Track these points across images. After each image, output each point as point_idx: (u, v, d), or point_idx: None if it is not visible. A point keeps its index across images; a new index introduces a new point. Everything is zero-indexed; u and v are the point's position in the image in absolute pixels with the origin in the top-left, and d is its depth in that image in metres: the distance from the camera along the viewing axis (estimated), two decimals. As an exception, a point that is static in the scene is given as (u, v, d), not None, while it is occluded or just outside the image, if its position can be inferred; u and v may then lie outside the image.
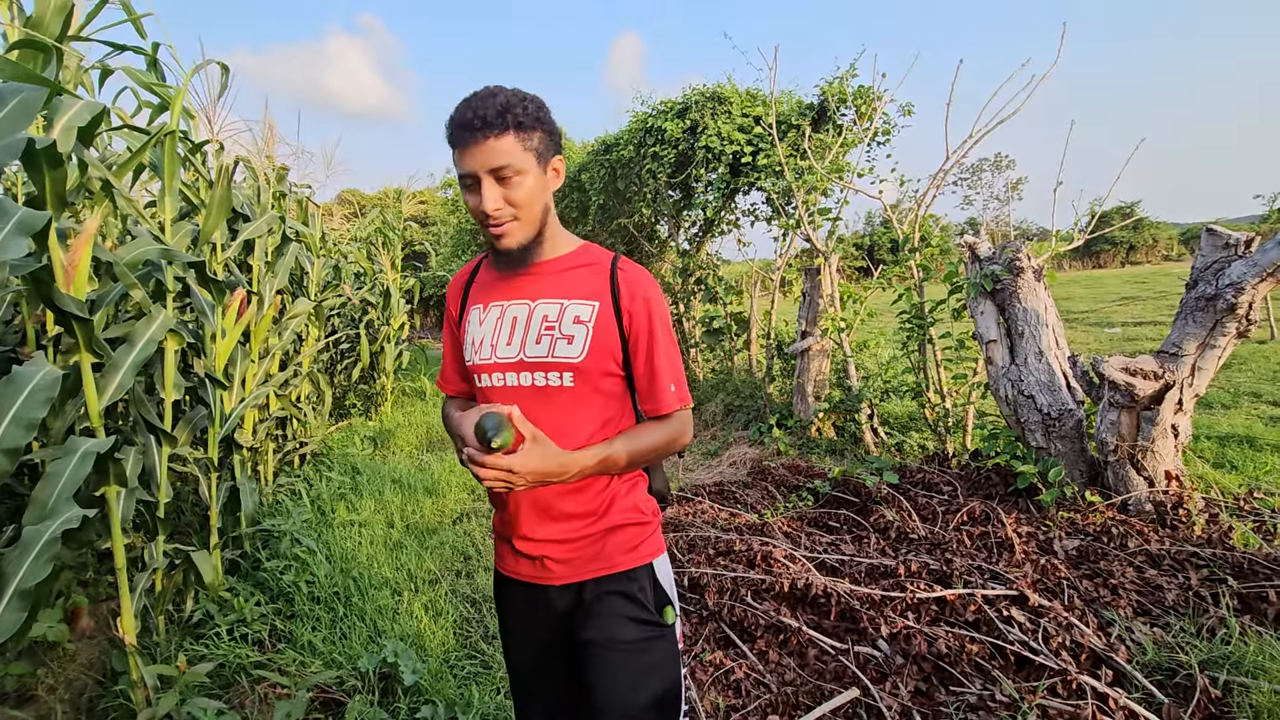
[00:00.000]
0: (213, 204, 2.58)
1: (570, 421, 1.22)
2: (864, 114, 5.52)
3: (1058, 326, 3.60)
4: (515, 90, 1.16)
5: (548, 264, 1.26)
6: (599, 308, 1.21)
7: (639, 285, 1.24)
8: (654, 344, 1.24)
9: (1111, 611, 2.45)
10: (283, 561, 3.05)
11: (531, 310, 1.23)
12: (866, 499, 3.92)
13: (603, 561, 1.26)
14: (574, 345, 1.20)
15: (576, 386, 1.21)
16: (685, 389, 1.30)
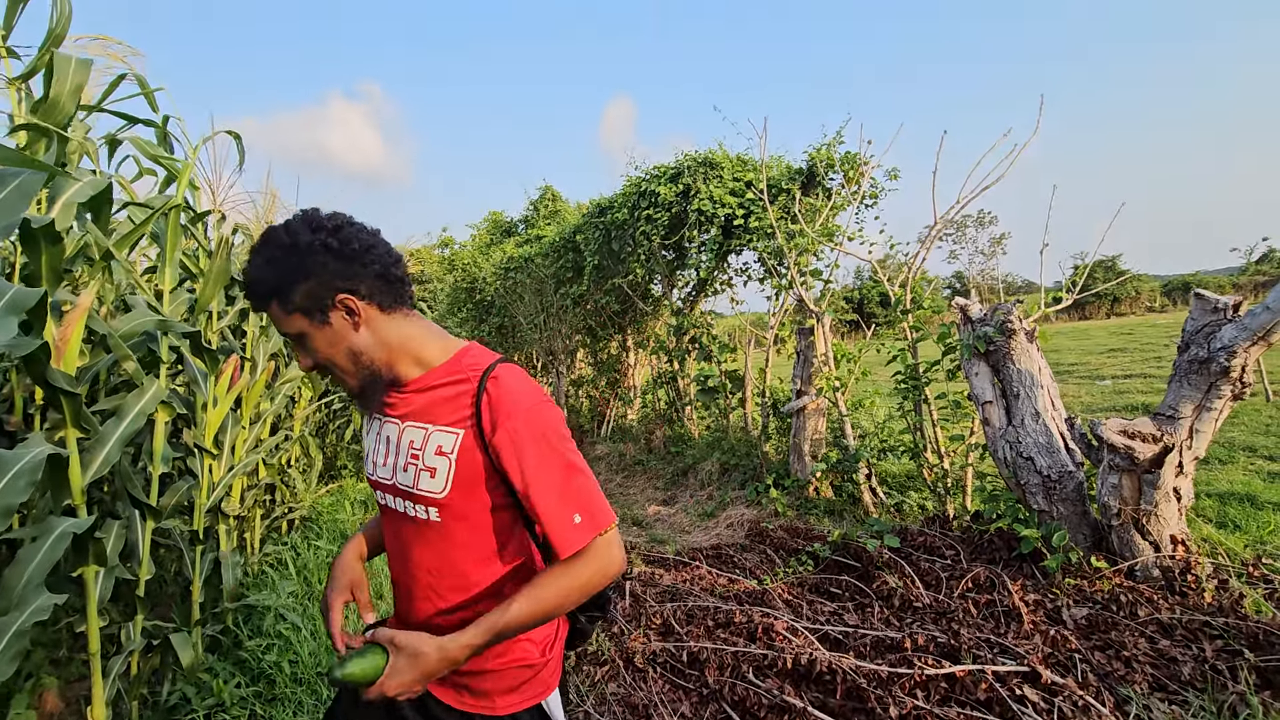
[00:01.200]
0: (211, 274, 2.59)
1: (443, 560, 1.13)
2: (851, 178, 5.68)
3: (1052, 387, 3.61)
4: (265, 252, 1.07)
5: (413, 383, 1.16)
6: (461, 439, 1.09)
7: (502, 412, 1.07)
8: (533, 480, 1.06)
9: (1127, 688, 2.37)
10: (265, 639, 2.93)
11: (401, 432, 1.15)
12: (868, 563, 3.83)
13: (482, 702, 1.16)
14: (436, 480, 1.10)
15: (445, 523, 1.12)
16: (597, 511, 1.10)
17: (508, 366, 1.14)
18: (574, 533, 1.07)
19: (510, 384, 1.10)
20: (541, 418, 1.10)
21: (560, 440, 1.12)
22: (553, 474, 1.08)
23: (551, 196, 12.38)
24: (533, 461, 1.07)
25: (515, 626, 1.05)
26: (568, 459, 1.11)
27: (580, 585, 1.08)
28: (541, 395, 1.15)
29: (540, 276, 9.35)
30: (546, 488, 1.07)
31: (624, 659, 3.08)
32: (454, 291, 13.42)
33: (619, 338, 9.41)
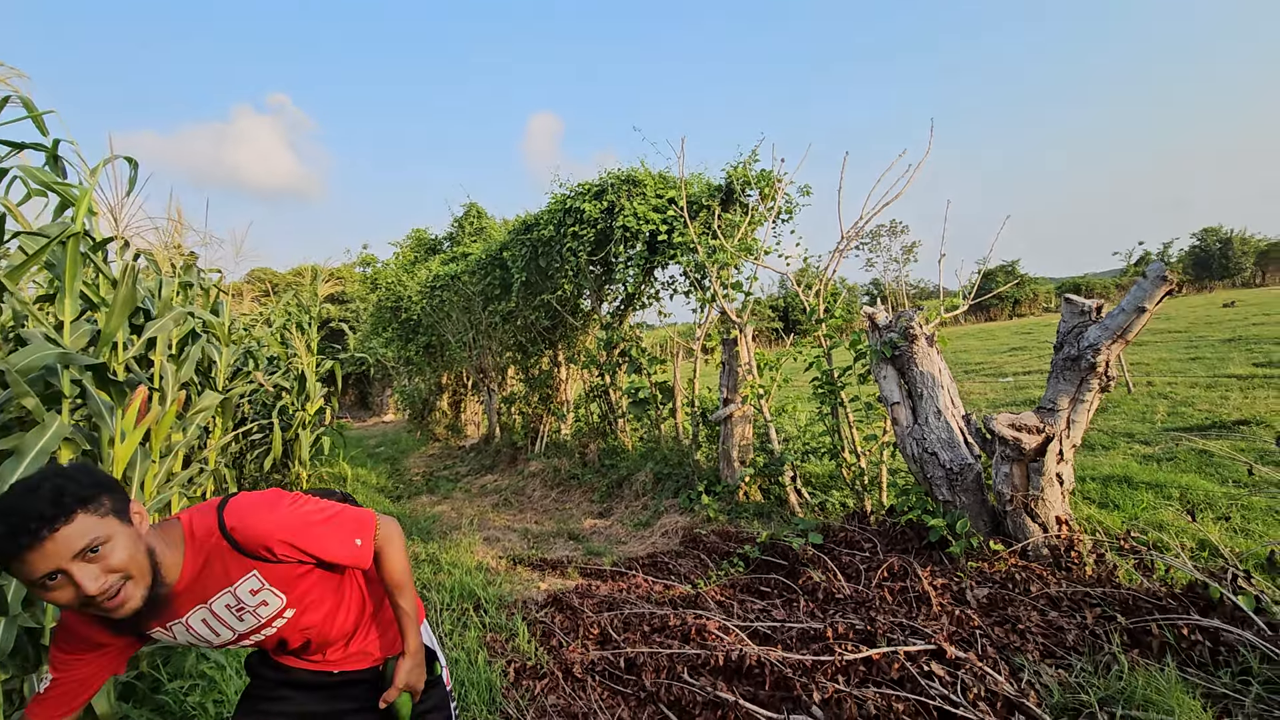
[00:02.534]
0: (115, 304, 2.50)
1: (321, 624, 1.50)
2: (767, 195, 5.97)
3: (952, 387, 3.92)
4: None
5: (185, 573, 1.31)
6: (257, 574, 1.36)
7: (249, 541, 1.32)
8: (313, 549, 1.38)
9: (1020, 657, 2.61)
10: (187, 680, 2.81)
11: (211, 608, 1.35)
12: (794, 561, 4.03)
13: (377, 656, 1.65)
14: (270, 606, 1.40)
15: (301, 609, 1.44)
16: (360, 526, 1.46)
17: (228, 505, 1.36)
18: (365, 551, 1.45)
19: (240, 520, 1.33)
20: (278, 508, 1.38)
21: (298, 506, 1.41)
22: (315, 531, 1.38)
23: (477, 213, 12.28)
24: (304, 538, 1.37)
25: (412, 612, 1.56)
26: (313, 518, 1.41)
27: (402, 567, 1.54)
28: (265, 496, 1.41)
29: (468, 294, 9.26)
30: (326, 545, 1.40)
31: (563, 670, 3.12)
32: (378, 311, 13.08)
33: (550, 353, 9.43)
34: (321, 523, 1.40)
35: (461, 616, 3.98)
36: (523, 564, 5.16)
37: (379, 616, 1.63)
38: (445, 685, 1.68)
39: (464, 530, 6.32)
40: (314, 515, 1.40)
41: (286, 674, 1.59)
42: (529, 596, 4.31)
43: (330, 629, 1.52)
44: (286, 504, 1.39)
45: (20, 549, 1.04)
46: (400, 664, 1.52)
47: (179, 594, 1.31)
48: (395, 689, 1.49)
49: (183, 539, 1.31)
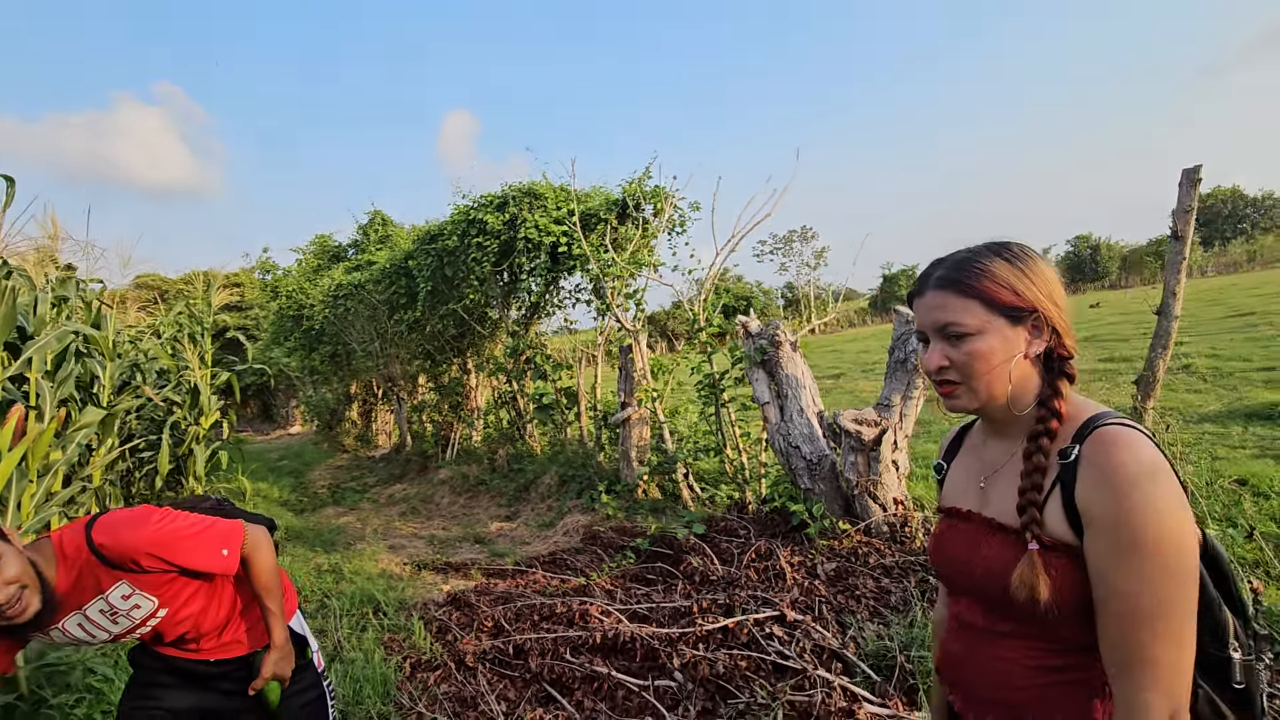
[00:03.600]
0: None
1: (192, 621, 1.68)
2: (660, 210, 6.37)
3: (813, 387, 4.41)
4: None
5: (59, 586, 1.49)
6: (126, 583, 1.54)
7: (117, 556, 1.49)
8: (183, 560, 1.55)
9: (851, 617, 3.07)
10: (74, 694, 2.85)
11: (85, 613, 1.54)
12: (679, 550, 4.40)
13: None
14: (143, 608, 1.58)
15: (174, 609, 1.63)
16: (226, 537, 1.64)
17: (96, 523, 1.53)
18: (232, 560, 1.64)
19: (108, 536, 1.50)
20: (146, 525, 1.54)
21: (166, 523, 1.57)
22: (183, 545, 1.56)
23: (382, 221, 12.13)
24: (170, 552, 1.53)
25: (279, 611, 1.76)
26: (182, 532, 1.58)
27: (270, 570, 1.74)
28: (133, 514, 1.57)
29: (373, 303, 9.21)
30: (193, 558, 1.57)
31: (456, 661, 3.35)
32: (279, 320, 12.66)
33: (459, 361, 9.51)
34: (188, 537, 1.58)
35: (361, 620, 4.11)
36: (427, 568, 5.30)
37: (249, 611, 1.81)
38: (317, 668, 1.91)
39: (368, 540, 6.36)
40: (182, 530, 1.58)
41: (166, 663, 1.76)
42: (430, 598, 4.48)
43: (203, 624, 1.71)
44: (154, 520, 1.56)
45: None
46: (266, 656, 1.73)
47: (56, 603, 1.48)
48: (262, 679, 1.71)
49: (55, 556, 1.49)
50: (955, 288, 0.96)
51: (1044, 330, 0.96)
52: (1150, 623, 0.82)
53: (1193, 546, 0.84)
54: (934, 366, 0.99)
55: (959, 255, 1.01)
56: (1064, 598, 0.89)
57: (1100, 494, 0.86)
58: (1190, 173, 2.67)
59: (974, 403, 0.98)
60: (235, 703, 1.80)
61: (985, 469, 1.06)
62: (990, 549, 0.98)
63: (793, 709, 2.43)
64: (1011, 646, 0.97)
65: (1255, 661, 0.98)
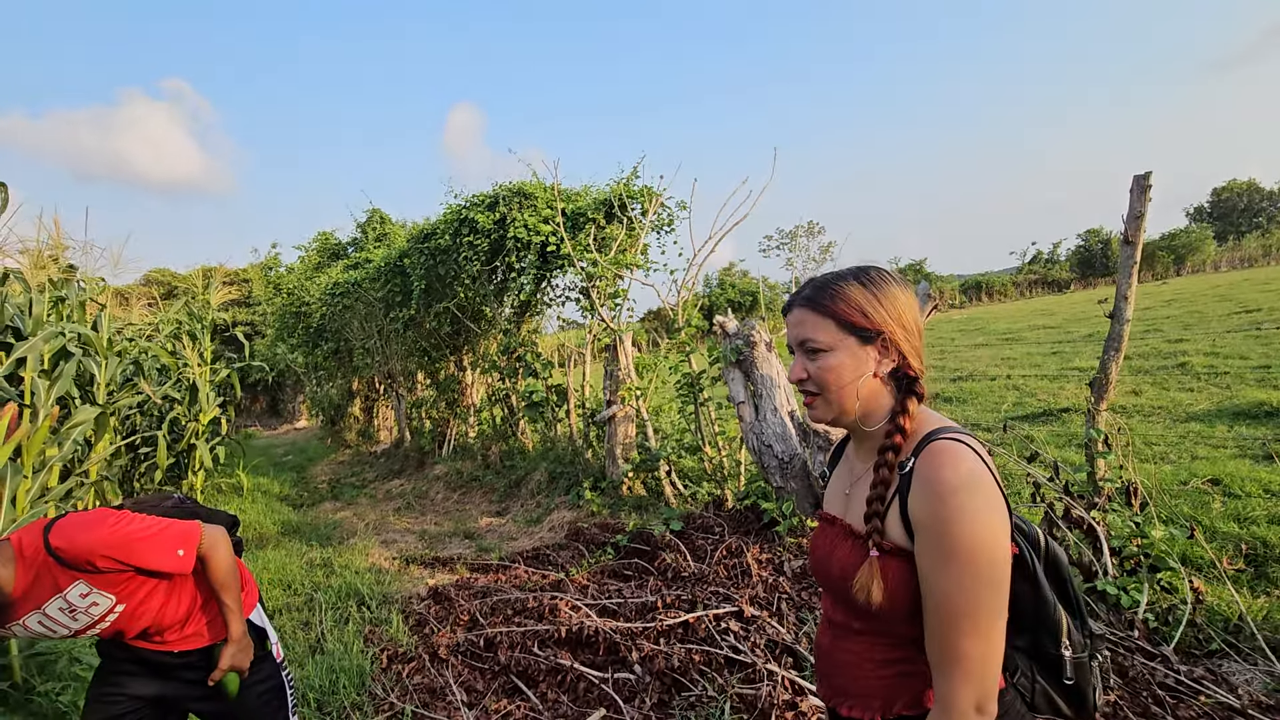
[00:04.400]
0: (-23, 331, 2.66)
1: (153, 617, 1.77)
2: (647, 209, 6.43)
3: (788, 388, 4.48)
4: None
5: (15, 594, 1.58)
6: (84, 582, 1.62)
7: (73, 558, 1.57)
8: (139, 560, 1.64)
9: (809, 614, 3.14)
10: (59, 682, 2.98)
11: (45, 611, 1.62)
12: (656, 546, 4.49)
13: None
14: (101, 605, 1.67)
15: (132, 605, 1.72)
16: (183, 538, 1.72)
17: (54, 526, 1.61)
18: (188, 560, 1.73)
19: (65, 539, 1.58)
20: (101, 528, 1.62)
21: (122, 526, 1.65)
22: (138, 546, 1.64)
23: (380, 219, 12.26)
24: (125, 554, 1.62)
25: (236, 608, 1.85)
26: (138, 534, 1.65)
27: (227, 568, 1.82)
28: (88, 517, 1.65)
29: (369, 300, 9.34)
30: (148, 559, 1.65)
31: (430, 653, 3.46)
32: (282, 316, 12.83)
33: (454, 358, 9.63)
34: (144, 539, 1.65)
35: (344, 614, 4.23)
36: (415, 563, 5.42)
37: (209, 606, 1.90)
38: (276, 659, 2.01)
39: (361, 535, 6.49)
40: (136, 532, 1.65)
41: (132, 653, 1.87)
42: (415, 592, 4.59)
43: (164, 618, 1.80)
44: (110, 523, 1.64)
45: None
46: (224, 649, 1.83)
47: (15, 601, 1.58)
48: (220, 670, 1.82)
49: (14, 556, 1.58)
50: (813, 306, 1.06)
51: (891, 351, 1.04)
52: (961, 621, 0.90)
53: (1004, 553, 0.92)
54: (795, 378, 1.08)
55: (824, 277, 1.10)
56: (898, 599, 0.97)
57: (925, 503, 0.94)
58: (1141, 179, 2.71)
59: (829, 414, 1.07)
60: (197, 691, 1.90)
61: (851, 478, 1.14)
62: (843, 552, 1.06)
63: (741, 701, 2.51)
64: (860, 641, 1.05)
65: (1088, 659, 1.06)
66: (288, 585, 4.94)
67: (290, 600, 4.63)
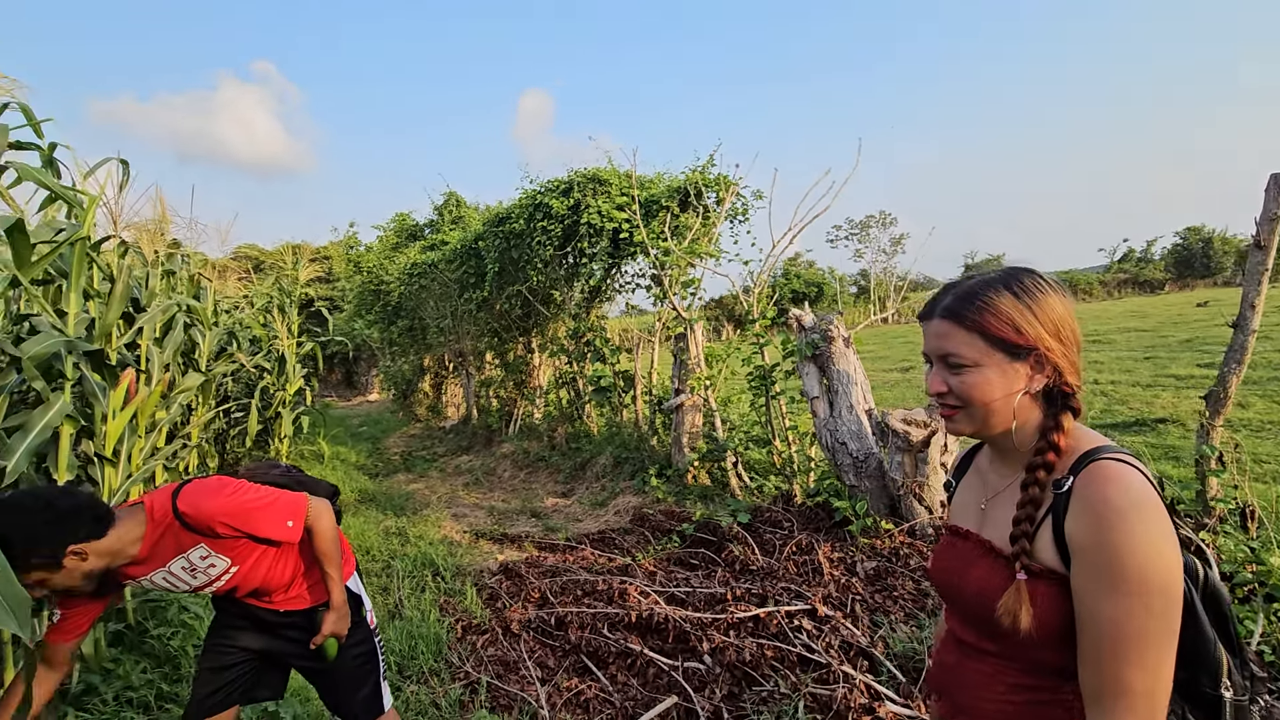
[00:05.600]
0: (114, 298, 2.88)
1: (261, 582, 1.91)
2: (722, 198, 6.36)
3: (865, 384, 4.37)
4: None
5: (142, 553, 1.72)
6: (204, 545, 1.77)
7: (197, 523, 1.72)
8: (251, 528, 1.76)
9: (884, 617, 3.08)
10: (170, 628, 3.23)
11: (169, 569, 1.78)
12: (723, 537, 4.48)
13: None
14: (218, 567, 1.81)
15: (245, 568, 1.86)
16: (292, 509, 1.83)
17: (181, 491, 1.74)
18: (296, 530, 1.84)
19: (190, 505, 1.71)
20: (221, 496, 1.75)
21: (240, 494, 1.77)
22: (253, 515, 1.77)
23: (456, 202, 12.59)
24: (242, 521, 1.75)
25: (339, 576, 1.96)
26: (253, 504, 1.77)
27: (330, 539, 1.92)
28: (210, 485, 1.78)
29: (445, 281, 9.61)
30: (261, 527, 1.78)
31: (502, 627, 3.57)
32: (361, 293, 13.38)
33: (523, 340, 9.82)
34: (258, 509, 1.78)
35: (420, 583, 4.42)
36: (485, 538, 5.59)
37: (311, 571, 2.03)
38: (370, 625, 2.12)
39: (434, 507, 6.74)
40: (252, 502, 1.77)
41: (243, 609, 2.01)
42: (485, 566, 4.75)
43: (271, 581, 1.93)
44: (228, 492, 1.77)
45: None
46: (326, 615, 1.94)
47: (143, 559, 1.72)
48: (322, 634, 1.92)
49: (145, 519, 1.72)
50: (958, 319, 0.98)
51: (1045, 367, 0.97)
52: (1128, 652, 0.85)
53: (1176, 581, 0.86)
54: (934, 391, 1.03)
55: (968, 284, 1.02)
56: (1046, 625, 0.92)
57: (1089, 526, 0.88)
58: (1278, 178, 2.49)
59: (971, 427, 1.02)
60: (299, 649, 2.03)
61: (987, 491, 1.09)
62: (981, 570, 1.01)
63: (814, 701, 2.49)
64: (991, 663, 1.01)
65: (1249, 703, 0.99)
66: (366, 551, 5.19)
67: (369, 566, 4.87)
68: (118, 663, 3.05)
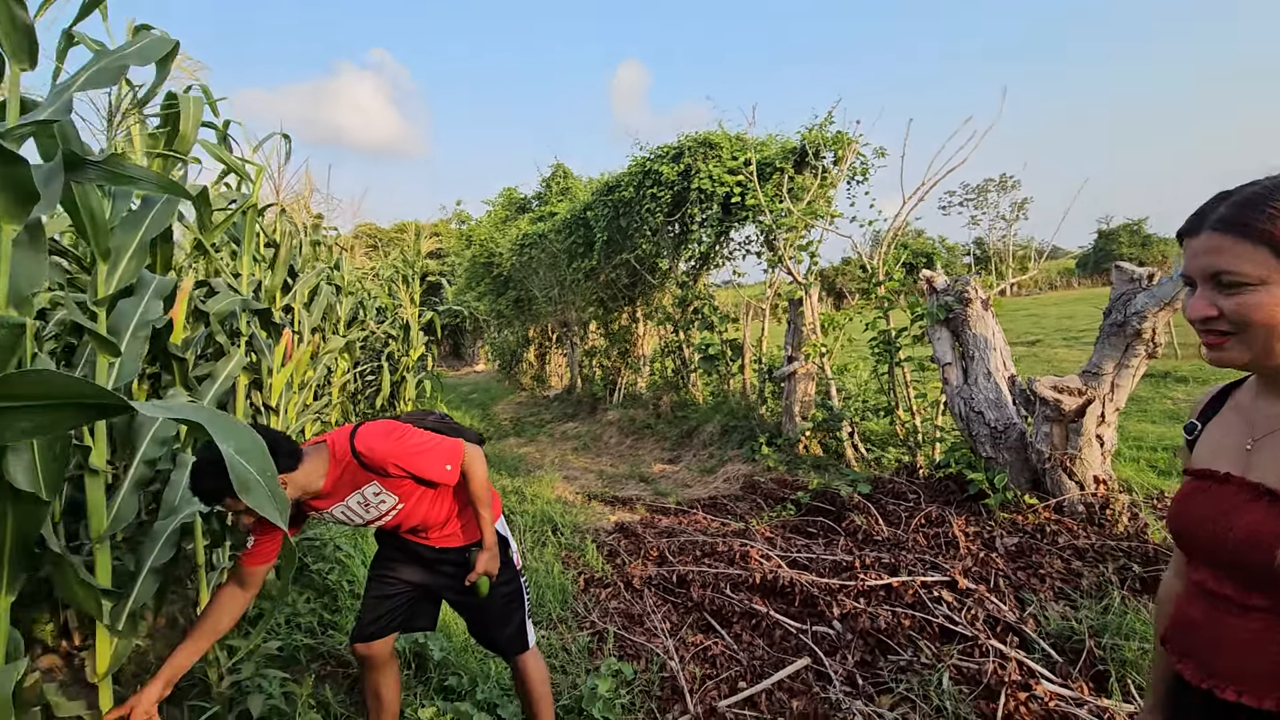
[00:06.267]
0: (278, 263, 3.14)
1: (422, 518, 2.03)
2: (841, 157, 6.06)
3: (1005, 350, 4.06)
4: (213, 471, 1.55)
5: (325, 487, 1.87)
6: (377, 483, 1.90)
7: (372, 462, 1.84)
8: (415, 469, 1.88)
9: (1032, 596, 2.88)
10: (328, 564, 3.54)
11: (347, 503, 1.93)
12: (842, 507, 4.35)
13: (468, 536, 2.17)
14: (387, 503, 1.96)
15: (409, 506, 1.99)
16: (450, 454, 1.93)
17: (357, 433, 1.88)
18: (454, 474, 1.95)
19: (366, 446, 1.85)
20: (391, 439, 1.88)
21: (407, 439, 1.90)
22: (418, 458, 1.89)
23: (563, 174, 12.79)
24: (409, 463, 1.87)
25: (490, 518, 2.05)
26: (418, 448, 1.90)
27: (482, 483, 2.03)
28: (382, 428, 1.91)
29: (553, 251, 9.83)
30: (425, 469, 1.89)
31: (624, 582, 3.65)
32: (472, 266, 13.95)
33: (629, 309, 9.91)
34: (423, 452, 1.90)
35: (541, 537, 4.59)
36: (596, 499, 5.74)
37: (464, 512, 2.15)
38: (516, 566, 2.22)
39: (546, 469, 6.99)
40: (418, 446, 1.91)
41: (403, 544, 2.15)
42: (600, 525, 4.87)
43: (430, 519, 2.06)
44: (397, 436, 1.92)
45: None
46: (479, 555, 2.05)
47: (326, 494, 1.89)
48: (476, 572, 2.03)
49: (329, 456, 1.88)
50: (1238, 230, 0.84)
51: None
52: None
53: None
54: (1199, 315, 0.90)
55: (1249, 190, 0.86)
56: None
57: None
58: None
59: (1244, 356, 0.88)
60: (453, 584, 2.15)
61: (1254, 430, 0.95)
62: (1251, 516, 0.89)
63: (959, 674, 2.37)
64: (1260, 620, 0.89)
65: None
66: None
67: (493, 519, 5.12)
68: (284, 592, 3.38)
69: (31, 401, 0.84)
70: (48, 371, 0.86)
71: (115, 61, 1.42)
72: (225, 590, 1.88)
